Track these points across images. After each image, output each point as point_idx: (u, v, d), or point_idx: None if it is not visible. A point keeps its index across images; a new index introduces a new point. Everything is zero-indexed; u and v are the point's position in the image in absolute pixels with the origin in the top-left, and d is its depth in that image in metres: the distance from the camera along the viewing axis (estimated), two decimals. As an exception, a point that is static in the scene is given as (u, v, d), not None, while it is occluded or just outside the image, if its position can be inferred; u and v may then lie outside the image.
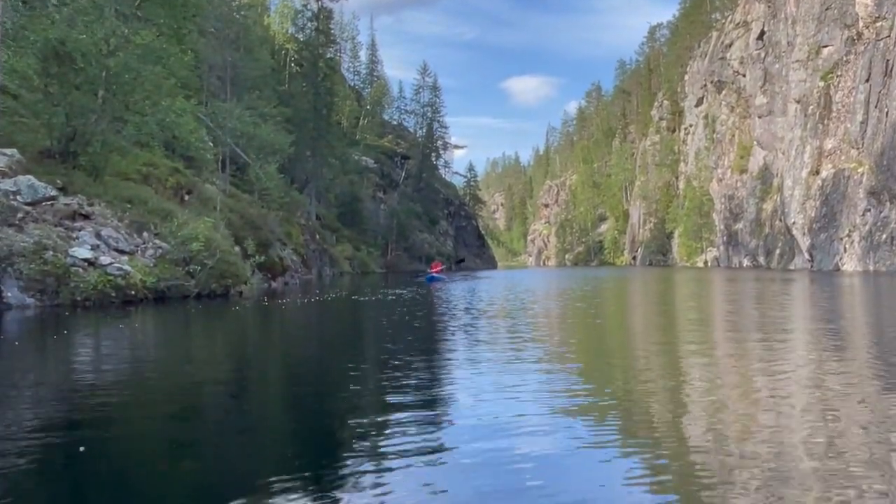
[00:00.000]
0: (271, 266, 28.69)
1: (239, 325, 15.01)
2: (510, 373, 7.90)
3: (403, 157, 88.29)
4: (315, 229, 52.62)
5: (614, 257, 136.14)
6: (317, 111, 60.48)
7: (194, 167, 31.58)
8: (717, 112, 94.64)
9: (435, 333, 12.75)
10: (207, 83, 44.88)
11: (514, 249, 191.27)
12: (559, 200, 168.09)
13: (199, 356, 10.17)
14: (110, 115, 21.24)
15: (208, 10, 46.30)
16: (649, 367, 8.50)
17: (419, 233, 78.29)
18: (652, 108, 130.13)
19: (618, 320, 16.48)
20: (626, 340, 12.24)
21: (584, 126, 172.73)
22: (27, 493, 4.09)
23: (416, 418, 5.72)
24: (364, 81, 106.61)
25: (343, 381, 7.69)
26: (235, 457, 4.86)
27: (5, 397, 6.80)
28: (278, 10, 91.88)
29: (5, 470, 4.37)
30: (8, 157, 18.57)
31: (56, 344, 10.90)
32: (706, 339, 11.49)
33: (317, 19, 64.55)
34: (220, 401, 6.91)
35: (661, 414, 5.98)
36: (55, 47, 19.10)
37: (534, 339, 11.54)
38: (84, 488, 4.27)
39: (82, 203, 18.73)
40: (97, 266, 16.63)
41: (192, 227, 19.80)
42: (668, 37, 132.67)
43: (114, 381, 7.80)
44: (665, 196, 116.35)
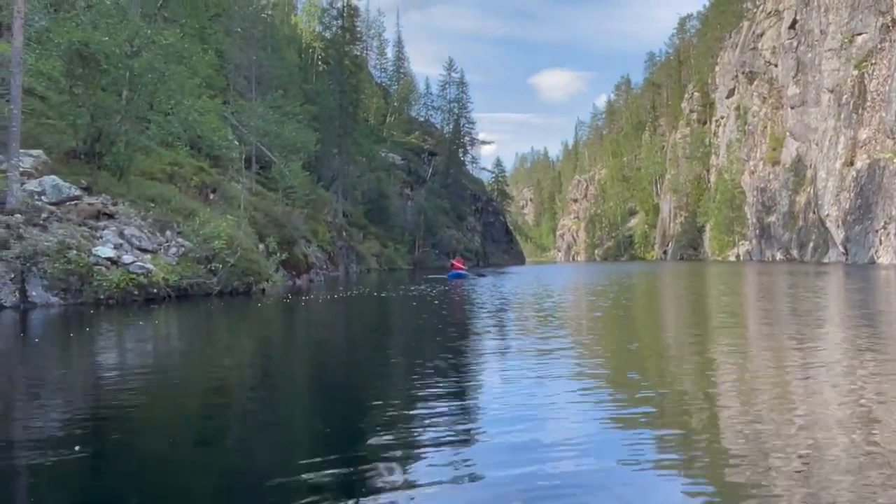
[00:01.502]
0: (295, 263, 28.84)
1: (260, 323, 15.07)
2: (539, 368, 7.77)
3: (430, 154, 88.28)
4: (342, 226, 52.87)
5: (644, 252, 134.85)
6: (343, 109, 60.71)
7: (220, 166, 31.87)
8: (749, 103, 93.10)
9: (459, 329, 12.67)
10: (234, 82, 45.32)
11: (543, 245, 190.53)
12: (588, 195, 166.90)
13: (220, 353, 10.22)
14: (134, 115, 21.51)
15: (234, 11, 46.79)
16: (682, 362, 8.31)
17: (447, 229, 78.24)
18: (682, 100, 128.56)
19: (650, 315, 16.19)
20: (658, 335, 12.00)
21: (614, 120, 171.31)
22: (54, 487, 4.14)
23: (442, 412, 5.72)
24: (391, 78, 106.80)
25: (365, 375, 7.71)
26: (261, 451, 4.85)
27: (30, 394, 6.88)
28: (305, 9, 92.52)
29: (33, 464, 4.43)
30: (34, 158, 18.89)
31: (78, 342, 11.03)
32: (739, 334, 11.19)
33: (342, 17, 64.77)
34: (243, 396, 6.92)
35: (695, 409, 5.83)
36: (79, 49, 19.37)
37: (563, 334, 11.36)
38: (109, 483, 4.28)
39: (106, 202, 18.98)
40: (120, 265, 16.83)
41: (215, 225, 19.96)
42: (699, 28, 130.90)
43: (136, 377, 7.85)
44: (696, 189, 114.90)
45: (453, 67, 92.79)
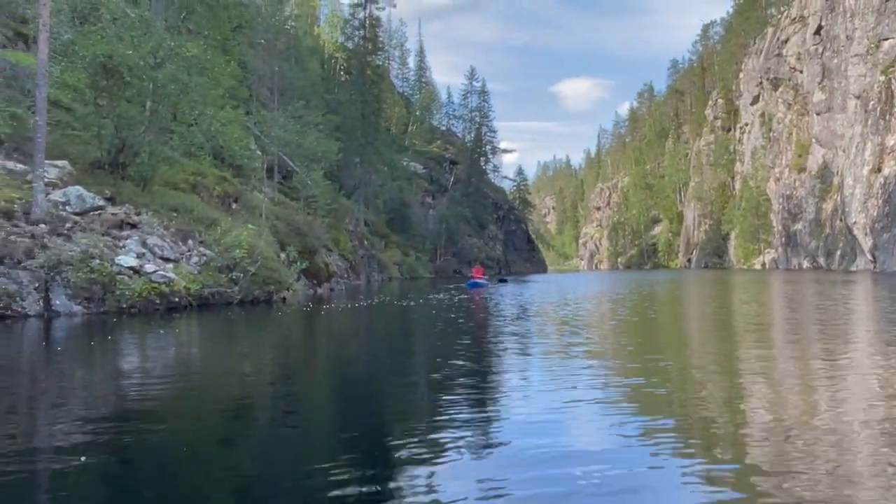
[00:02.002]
0: (316, 272, 28.94)
1: (280, 331, 15.11)
2: (562, 376, 7.72)
3: (452, 163, 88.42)
4: (363, 235, 53.04)
5: (668, 260, 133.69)
6: (365, 118, 61.02)
7: (242, 176, 32.12)
8: (774, 110, 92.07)
9: (479, 337, 12.61)
10: (257, 93, 45.77)
11: (566, 253, 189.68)
12: (611, 203, 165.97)
13: (241, 361, 10.28)
14: (158, 126, 21.76)
15: (257, 23, 47.31)
16: (707, 371, 8.17)
17: (468, 237, 78.21)
18: (706, 107, 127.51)
19: (675, 325, 15.98)
20: (683, 344, 11.82)
21: (636, 127, 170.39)
22: (78, 493, 4.16)
23: (463, 418, 5.71)
24: (413, 88, 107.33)
25: (385, 383, 7.74)
26: (282, 458, 4.84)
27: (53, 401, 6.93)
28: (328, 20, 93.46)
29: (58, 470, 4.47)
30: (59, 169, 19.17)
31: (101, 350, 11.14)
32: (765, 343, 10.97)
33: (364, 27, 65.19)
34: (263, 403, 6.94)
35: (720, 418, 5.73)
36: (103, 61, 19.66)
37: (585, 342, 11.22)
38: (130, 488, 4.31)
39: (129, 212, 19.19)
40: (142, 274, 16.99)
41: (236, 234, 20.09)
42: (722, 34, 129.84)
43: (157, 385, 7.90)
44: (720, 197, 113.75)
45: (475, 76, 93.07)
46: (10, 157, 19.23)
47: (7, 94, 20.80)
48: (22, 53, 24.97)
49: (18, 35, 26.75)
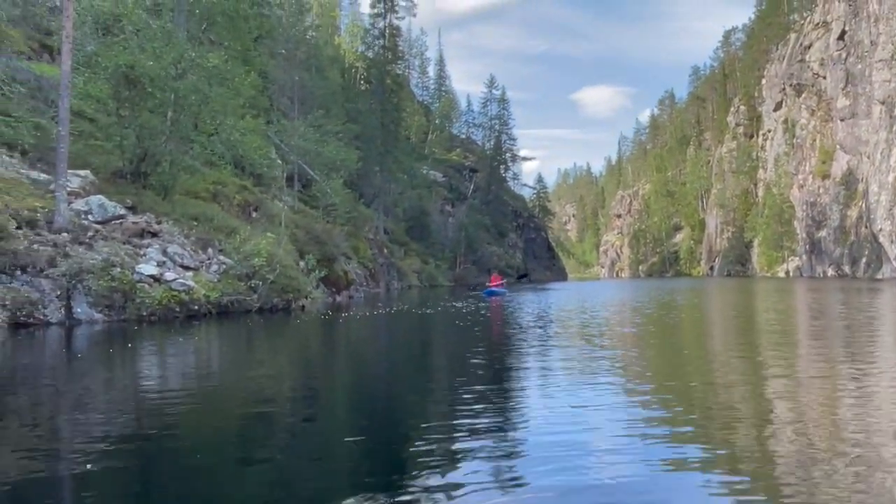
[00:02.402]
0: (335, 280, 29.05)
1: (299, 339, 15.17)
2: (583, 389, 7.58)
3: (472, 171, 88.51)
4: (383, 243, 53.18)
5: (690, 268, 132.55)
6: (384, 127, 61.27)
7: (262, 184, 32.39)
8: (797, 116, 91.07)
9: (499, 344, 12.57)
10: (277, 102, 46.16)
11: (587, 261, 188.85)
12: (632, 210, 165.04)
13: (259, 368, 10.34)
14: (179, 136, 22.01)
15: (278, 33, 47.77)
16: (730, 380, 8.01)
17: (488, 245, 78.13)
18: (728, 114, 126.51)
19: (698, 333, 15.80)
20: (706, 353, 11.65)
21: (657, 134, 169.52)
22: (94, 499, 4.20)
23: (484, 425, 5.70)
24: (432, 96, 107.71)
25: (403, 390, 7.77)
26: (301, 466, 4.85)
27: (72, 408, 7.00)
28: (348, 30, 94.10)
29: (75, 478, 4.50)
30: (82, 179, 19.44)
31: (121, 357, 11.26)
32: (789, 353, 10.74)
33: (384, 37, 65.55)
34: (282, 410, 6.94)
35: (744, 427, 5.64)
36: (125, 72, 19.94)
37: (606, 350, 11.12)
38: (148, 497, 4.34)
39: (150, 221, 19.40)
40: (162, 282, 17.15)
41: (255, 242, 20.23)
42: (744, 40, 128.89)
43: (175, 392, 7.94)
44: (743, 204, 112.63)
45: (494, 84, 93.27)
46: (35, 167, 19.54)
47: (31, 104, 21.17)
48: (46, 65, 25.41)
49: (44, 47, 27.23)
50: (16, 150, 18.95)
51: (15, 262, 15.06)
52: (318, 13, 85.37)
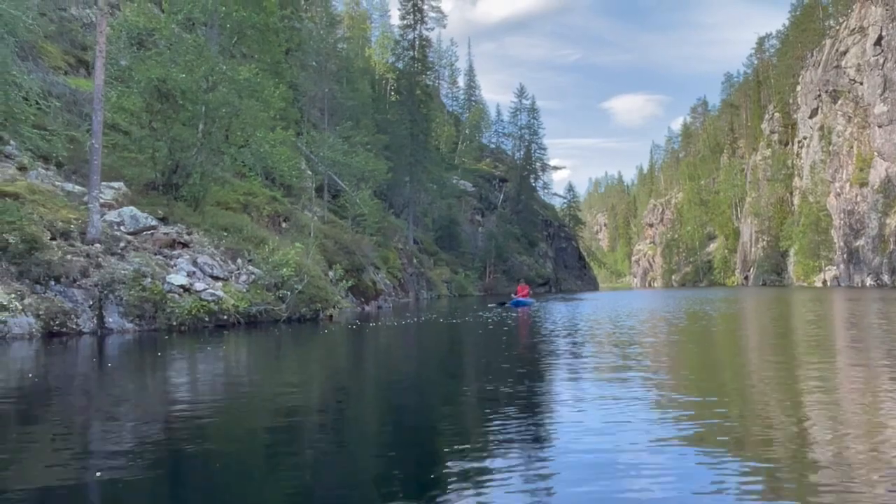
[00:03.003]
0: (364, 290, 29.14)
1: (326, 348, 15.21)
2: (617, 401, 7.38)
3: (501, 180, 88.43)
4: (412, 253, 53.28)
5: (724, 277, 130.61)
6: (414, 137, 61.54)
7: (292, 195, 32.67)
8: (833, 123, 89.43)
9: (528, 354, 12.46)
10: (308, 114, 46.63)
11: (619, 270, 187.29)
12: (664, 219, 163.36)
13: (287, 378, 10.37)
14: (209, 147, 22.31)
15: (308, 45, 48.34)
16: (766, 391, 7.84)
17: (518, 255, 77.86)
18: (762, 121, 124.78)
19: (733, 343, 15.50)
20: (742, 363, 11.38)
21: (690, 142, 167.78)
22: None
23: (513, 434, 5.65)
24: (462, 106, 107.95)
25: (432, 399, 7.75)
26: (330, 476, 4.83)
27: (102, 416, 7.09)
28: (379, 42, 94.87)
29: (105, 485, 4.53)
30: (115, 190, 19.79)
31: (151, 366, 11.48)
32: (827, 364, 10.37)
33: (413, 48, 65.94)
34: (311, 419, 6.95)
35: (778, 439, 5.48)
36: (157, 85, 20.29)
37: (639, 360, 10.90)
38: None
39: (181, 232, 19.66)
40: (192, 292, 17.34)
41: (283, 253, 20.37)
42: (778, 47, 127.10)
43: (204, 401, 8.00)
44: (778, 212, 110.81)
45: (524, 94, 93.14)
46: (70, 179, 19.94)
47: (67, 118, 21.63)
48: (83, 79, 25.99)
49: (80, 62, 27.85)
50: (51, 162, 19.36)
51: (49, 272, 15.35)
52: (349, 25, 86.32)
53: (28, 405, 7.71)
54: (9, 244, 15.09)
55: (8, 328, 13.89)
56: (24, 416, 7.11)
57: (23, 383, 9.19)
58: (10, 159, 18.73)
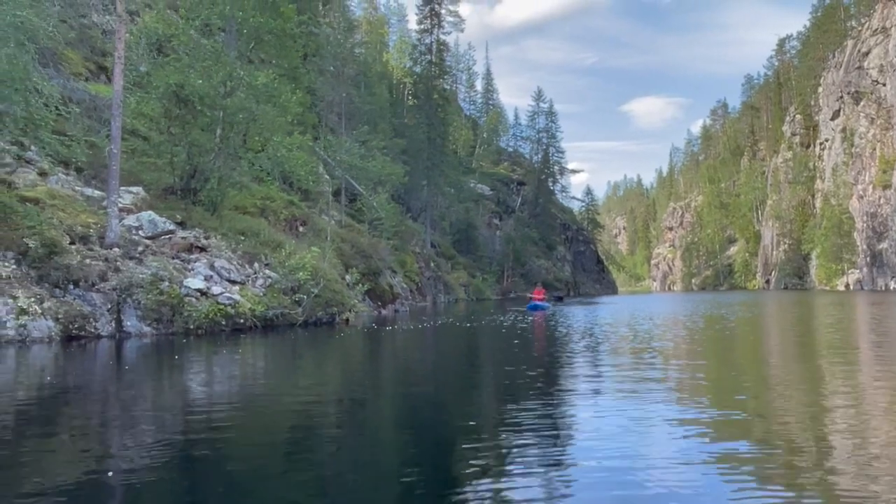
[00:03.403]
0: (381, 294, 29.17)
1: (341, 352, 15.22)
2: (636, 406, 7.28)
3: (519, 184, 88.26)
4: (430, 257, 53.28)
5: (745, 281, 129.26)
6: (431, 141, 61.59)
7: (310, 199, 32.81)
8: (856, 124, 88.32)
9: (547, 358, 12.40)
10: (326, 119, 46.83)
11: (638, 274, 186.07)
12: (684, 223, 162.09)
13: (303, 380, 10.44)
14: (227, 152, 22.46)
15: (326, 50, 48.58)
16: (790, 400, 7.65)
17: (536, 258, 77.65)
18: (783, 123, 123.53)
19: (755, 349, 15.28)
20: (764, 370, 11.11)
21: (710, 145, 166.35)
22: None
23: (532, 441, 5.61)
24: (480, 110, 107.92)
25: (448, 402, 7.75)
26: (347, 480, 4.81)
27: (120, 418, 7.15)
28: (396, 47, 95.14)
29: (124, 486, 4.58)
30: (133, 195, 19.98)
31: (169, 369, 11.60)
32: (852, 371, 10.14)
33: (430, 52, 66.04)
34: (328, 422, 6.97)
35: (803, 448, 5.39)
36: (175, 91, 20.47)
37: (659, 367, 10.74)
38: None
39: (199, 236, 19.80)
40: (209, 296, 17.45)
41: (300, 257, 20.45)
42: (799, 48, 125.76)
43: (220, 404, 8.05)
44: (800, 215, 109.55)
45: (542, 97, 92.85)
46: (89, 184, 20.17)
47: (87, 124, 21.88)
48: (103, 85, 26.26)
49: (100, 68, 28.19)
50: (71, 167, 19.59)
51: (68, 276, 15.52)
52: (366, 30, 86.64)
53: (48, 407, 7.81)
54: (29, 248, 15.28)
55: (28, 332, 14.06)
56: (44, 418, 7.21)
57: (42, 386, 9.30)
58: (32, 165, 18.98)
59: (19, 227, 15.48)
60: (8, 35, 13.96)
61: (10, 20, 13.79)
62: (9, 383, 9.89)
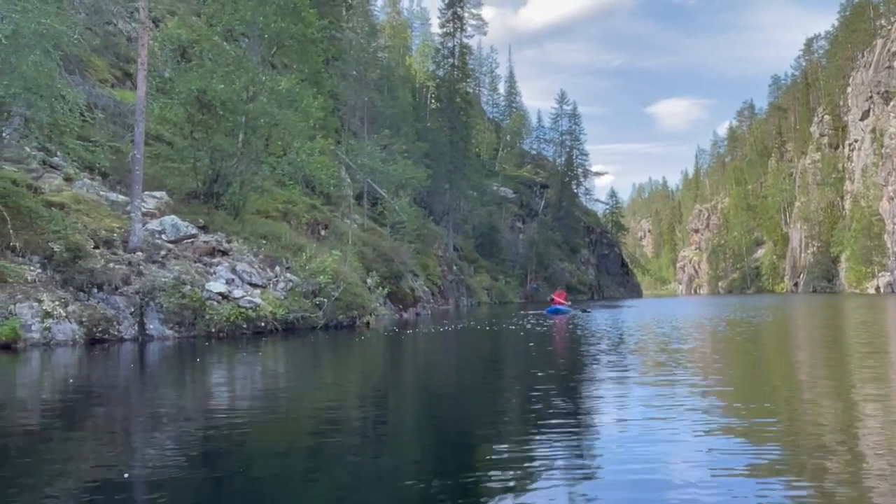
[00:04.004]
0: (402, 297, 29.20)
1: (361, 355, 15.26)
2: (663, 414, 7.03)
3: (542, 186, 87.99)
4: (452, 260, 53.28)
5: (773, 284, 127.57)
6: (453, 144, 61.66)
7: (332, 203, 32.97)
8: (886, 124, 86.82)
9: (571, 362, 12.31)
10: (349, 123, 47.09)
11: (663, 277, 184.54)
12: (710, 225, 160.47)
13: (324, 382, 10.50)
14: (249, 157, 22.65)
15: (349, 55, 48.87)
16: (821, 407, 7.43)
17: (559, 262, 77.31)
18: (811, 124, 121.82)
19: (786, 355, 15.02)
20: (795, 376, 10.86)
21: (736, 146, 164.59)
22: None
23: (557, 445, 5.57)
24: (503, 113, 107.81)
25: (468, 405, 7.74)
26: (369, 486, 4.81)
27: (146, 421, 7.19)
28: (419, 50, 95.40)
29: (147, 488, 4.61)
30: (157, 200, 20.22)
31: (191, 371, 11.75)
32: (885, 377, 9.94)
33: (453, 55, 66.12)
34: (350, 427, 6.93)
35: (834, 458, 5.21)
36: (198, 96, 20.69)
37: (686, 371, 10.53)
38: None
39: (221, 240, 19.97)
40: (230, 299, 17.58)
41: (321, 260, 20.54)
42: (827, 48, 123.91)
43: (241, 407, 8.08)
44: (829, 217, 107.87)
45: (565, 100, 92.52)
46: (114, 189, 20.44)
47: (112, 129, 22.19)
48: (129, 91, 26.64)
49: (126, 75, 28.57)
50: (96, 172, 19.87)
51: (92, 280, 15.73)
52: (390, 35, 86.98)
53: (72, 409, 7.91)
54: (54, 253, 15.52)
55: (52, 335, 14.26)
56: (68, 419, 7.30)
57: (66, 388, 9.43)
58: (58, 170, 19.28)
59: (45, 232, 15.72)
60: (33, 43, 14.20)
61: (35, 28, 14.03)
62: (34, 385, 10.06)
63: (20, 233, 15.32)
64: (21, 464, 5.25)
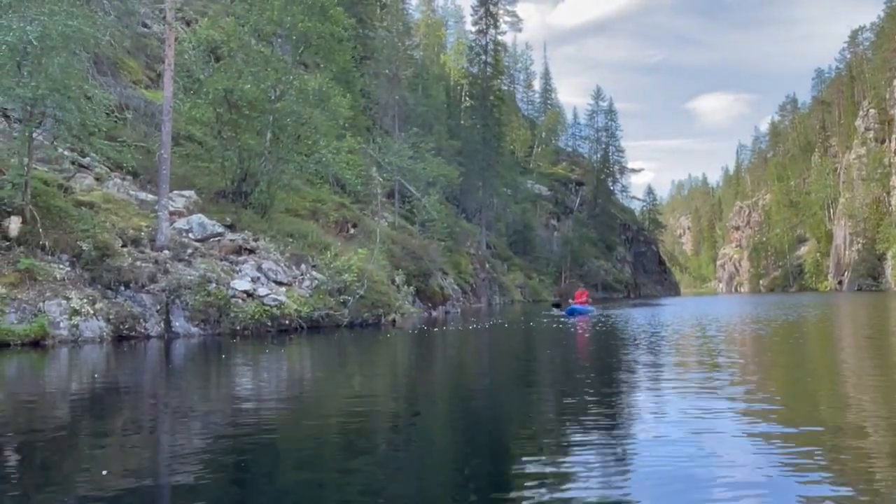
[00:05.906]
0: (431, 295, 29.15)
1: (386, 353, 15.22)
2: (700, 414, 6.79)
3: (578, 184, 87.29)
4: (485, 258, 53.08)
5: (816, 282, 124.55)
6: (486, 142, 61.43)
7: (361, 201, 33.07)
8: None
9: (600, 361, 12.11)
10: (380, 121, 47.24)
11: (703, 275, 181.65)
12: (751, 222, 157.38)
13: (350, 380, 10.48)
14: (277, 156, 22.79)
15: (381, 54, 49.02)
16: (864, 410, 7.08)
17: (594, 259, 76.57)
18: (856, 118, 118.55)
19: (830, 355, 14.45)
20: (838, 378, 10.22)
21: (778, 142, 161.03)
22: None
23: (590, 446, 5.47)
24: (538, 110, 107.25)
25: (496, 403, 7.68)
26: (398, 483, 4.76)
27: (173, 418, 7.23)
28: (454, 48, 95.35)
29: (173, 486, 4.61)
30: (186, 199, 20.47)
31: (216, 369, 11.87)
32: None
33: (486, 52, 65.87)
34: (377, 426, 6.89)
35: (874, 459, 5.02)
36: (226, 96, 20.89)
37: (723, 371, 10.11)
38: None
39: (247, 238, 20.14)
40: (255, 297, 17.71)
41: (346, 258, 20.58)
42: (873, 40, 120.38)
43: (266, 405, 8.07)
44: (875, 213, 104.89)
45: (601, 96, 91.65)
46: (144, 188, 20.75)
47: (144, 129, 22.54)
48: (162, 92, 27.04)
49: (159, 76, 29.00)
50: (127, 172, 20.19)
51: (119, 278, 15.97)
52: (424, 33, 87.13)
53: (99, 405, 8.03)
54: (82, 251, 15.79)
55: (80, 332, 14.51)
56: (95, 416, 7.40)
57: (94, 384, 9.56)
58: (89, 170, 19.64)
59: (73, 231, 16.01)
60: (60, 44, 14.44)
61: (62, 30, 14.27)
62: (63, 381, 10.23)
63: (50, 232, 15.63)
64: (50, 460, 5.30)
